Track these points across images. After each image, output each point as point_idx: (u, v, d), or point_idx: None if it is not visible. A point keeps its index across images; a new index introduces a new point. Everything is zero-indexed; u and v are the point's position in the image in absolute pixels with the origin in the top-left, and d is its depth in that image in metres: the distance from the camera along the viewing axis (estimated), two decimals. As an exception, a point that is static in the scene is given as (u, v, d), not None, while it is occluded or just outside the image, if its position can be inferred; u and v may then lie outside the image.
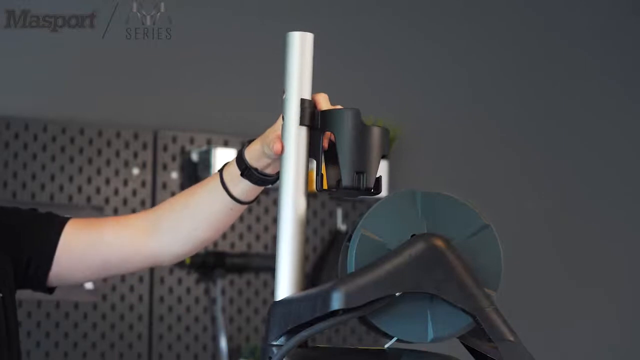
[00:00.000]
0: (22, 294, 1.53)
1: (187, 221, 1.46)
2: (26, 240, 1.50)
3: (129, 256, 1.51)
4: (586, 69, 3.77)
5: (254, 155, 1.34)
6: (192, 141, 3.01)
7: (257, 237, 3.09)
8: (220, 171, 1.40)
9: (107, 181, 2.90)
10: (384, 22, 3.42)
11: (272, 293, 1.09)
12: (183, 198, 1.47)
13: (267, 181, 1.34)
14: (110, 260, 1.51)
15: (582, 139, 3.74)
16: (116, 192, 2.91)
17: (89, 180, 2.88)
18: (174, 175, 2.97)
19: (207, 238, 1.48)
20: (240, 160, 1.36)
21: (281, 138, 1.14)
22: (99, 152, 2.90)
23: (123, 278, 2.89)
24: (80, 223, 1.54)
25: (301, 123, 1.12)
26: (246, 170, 1.35)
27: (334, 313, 0.97)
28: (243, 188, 1.37)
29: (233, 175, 1.37)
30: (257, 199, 1.42)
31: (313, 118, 1.13)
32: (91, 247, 1.51)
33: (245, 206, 1.42)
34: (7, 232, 1.50)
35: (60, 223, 1.52)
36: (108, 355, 2.87)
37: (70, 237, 1.51)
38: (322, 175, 1.12)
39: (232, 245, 3.06)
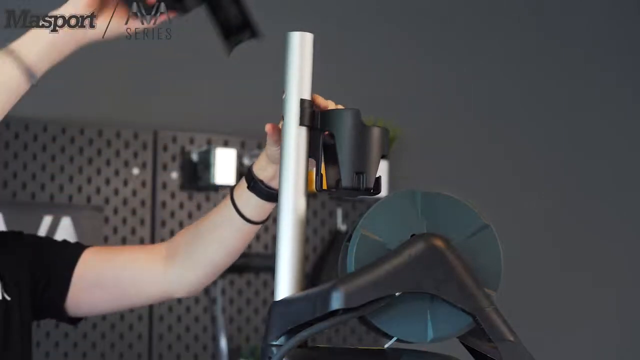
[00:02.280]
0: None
1: (201, 246, 1.47)
2: (47, 263, 1.53)
3: (143, 283, 1.52)
4: (586, 70, 3.77)
5: (260, 165, 1.36)
6: (192, 141, 3.01)
7: (257, 237, 3.09)
8: (232, 190, 1.41)
9: (107, 181, 2.90)
10: (384, 22, 3.42)
11: (272, 293, 1.09)
12: (197, 224, 1.50)
13: (273, 196, 1.36)
14: (125, 285, 1.52)
15: (583, 139, 3.74)
16: (116, 192, 2.91)
17: (89, 180, 2.88)
18: (174, 175, 2.97)
19: (221, 263, 1.49)
20: (248, 173, 1.38)
21: (280, 138, 1.14)
22: (99, 152, 2.90)
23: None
24: (99, 249, 1.58)
25: (301, 123, 1.12)
26: (252, 181, 1.37)
27: (334, 313, 0.97)
28: (252, 205, 1.39)
29: (242, 192, 1.40)
30: (267, 220, 1.42)
31: (313, 118, 1.13)
32: (107, 269, 1.53)
33: (257, 227, 1.42)
34: (33, 253, 1.54)
35: (81, 248, 1.56)
36: (108, 355, 2.87)
37: (88, 259, 1.54)
38: (321, 175, 1.12)
39: (232, 245, 3.06)
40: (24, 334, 1.51)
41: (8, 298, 1.48)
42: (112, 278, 1.52)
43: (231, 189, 1.43)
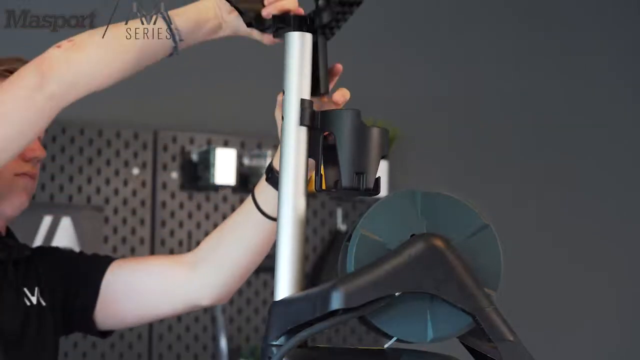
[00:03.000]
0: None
1: (223, 247, 1.47)
2: (78, 274, 1.56)
3: (169, 291, 1.52)
4: (585, 70, 3.77)
5: (278, 155, 1.36)
6: (192, 141, 3.01)
7: (257, 237, 3.09)
8: (254, 187, 1.42)
9: (107, 181, 2.91)
10: (384, 22, 3.42)
11: (272, 293, 1.09)
12: (221, 226, 1.50)
13: None
14: (150, 293, 1.53)
15: (582, 138, 3.74)
16: (116, 192, 2.91)
17: (89, 180, 2.88)
18: (174, 175, 2.97)
19: (244, 264, 1.48)
20: (268, 166, 1.38)
21: (280, 138, 1.14)
22: (99, 152, 2.91)
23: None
24: (127, 259, 1.62)
25: (301, 123, 1.12)
26: (270, 173, 1.37)
27: (334, 313, 0.97)
28: (271, 200, 1.38)
29: (263, 187, 1.40)
30: None
31: (313, 118, 1.13)
32: (132, 278, 1.54)
33: (275, 227, 1.42)
34: (67, 266, 1.57)
35: (109, 259, 1.58)
36: (108, 355, 2.87)
37: (115, 269, 1.56)
38: (321, 175, 1.12)
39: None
40: (55, 339, 1.53)
41: (43, 303, 1.51)
42: (138, 286, 1.53)
43: (254, 185, 1.43)
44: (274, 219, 1.40)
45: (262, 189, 1.40)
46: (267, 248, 1.46)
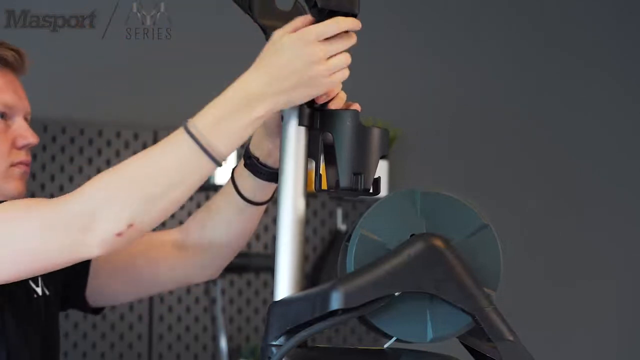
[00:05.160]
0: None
1: (210, 229, 1.47)
2: None
3: (159, 268, 1.52)
4: (584, 70, 3.76)
5: (255, 140, 1.34)
6: (192, 141, 3.00)
7: (257, 237, 3.09)
8: (233, 169, 1.41)
9: (107, 181, 2.90)
10: (384, 22, 3.42)
11: (272, 293, 1.09)
12: (206, 206, 1.49)
13: (272, 175, 1.33)
14: (140, 270, 1.53)
15: (582, 139, 3.74)
16: (116, 192, 2.91)
17: (89, 180, 2.88)
18: (174, 175, 2.97)
19: (232, 245, 1.48)
20: (245, 150, 1.36)
21: (281, 139, 1.14)
22: (99, 152, 2.90)
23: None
24: None
25: (300, 123, 1.12)
26: (248, 159, 1.35)
27: (333, 313, 0.97)
28: (251, 185, 1.37)
29: (241, 171, 1.38)
30: (270, 201, 1.40)
31: (312, 118, 1.13)
32: (121, 255, 1.53)
33: (259, 209, 1.41)
34: None
35: None
36: (108, 355, 2.87)
37: None
38: (321, 175, 1.12)
39: (232, 245, 3.05)
40: (58, 326, 1.55)
41: (47, 293, 1.51)
42: (127, 263, 1.53)
43: (233, 168, 1.41)
44: (255, 203, 1.39)
45: (241, 172, 1.38)
46: (253, 228, 1.46)
